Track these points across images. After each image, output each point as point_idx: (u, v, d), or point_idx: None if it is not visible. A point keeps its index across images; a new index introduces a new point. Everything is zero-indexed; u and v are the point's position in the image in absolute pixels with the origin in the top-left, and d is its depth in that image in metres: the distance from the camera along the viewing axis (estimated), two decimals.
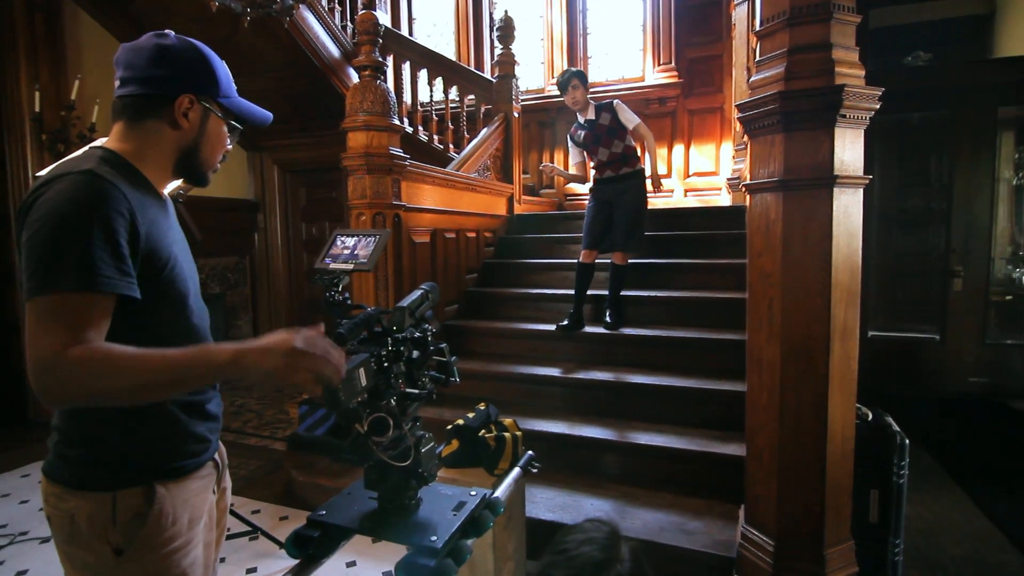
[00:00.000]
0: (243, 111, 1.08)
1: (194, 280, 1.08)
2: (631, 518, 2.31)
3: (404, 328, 1.01)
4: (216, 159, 1.08)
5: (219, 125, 1.05)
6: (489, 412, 2.15)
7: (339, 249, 1.40)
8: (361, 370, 0.88)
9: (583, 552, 0.78)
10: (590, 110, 3.49)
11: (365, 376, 0.88)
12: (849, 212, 1.79)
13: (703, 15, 5.23)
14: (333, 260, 1.37)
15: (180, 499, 0.99)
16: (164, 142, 1.00)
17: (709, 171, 5.32)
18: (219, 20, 3.75)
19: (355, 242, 1.41)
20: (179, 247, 1.03)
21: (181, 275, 1.00)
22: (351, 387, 0.86)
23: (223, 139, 1.07)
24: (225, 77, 1.05)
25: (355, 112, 3.00)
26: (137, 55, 0.97)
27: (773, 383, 1.87)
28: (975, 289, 4.18)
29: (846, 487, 1.87)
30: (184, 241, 1.10)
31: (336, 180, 5.44)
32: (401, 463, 0.97)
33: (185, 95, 0.98)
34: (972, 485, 2.87)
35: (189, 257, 1.09)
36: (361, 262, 1.34)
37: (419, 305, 1.06)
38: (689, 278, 3.61)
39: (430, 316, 1.10)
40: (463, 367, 3.34)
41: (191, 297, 1.04)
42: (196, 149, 1.03)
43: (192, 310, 1.04)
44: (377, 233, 1.42)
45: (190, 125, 1.00)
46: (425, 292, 1.09)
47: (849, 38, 1.76)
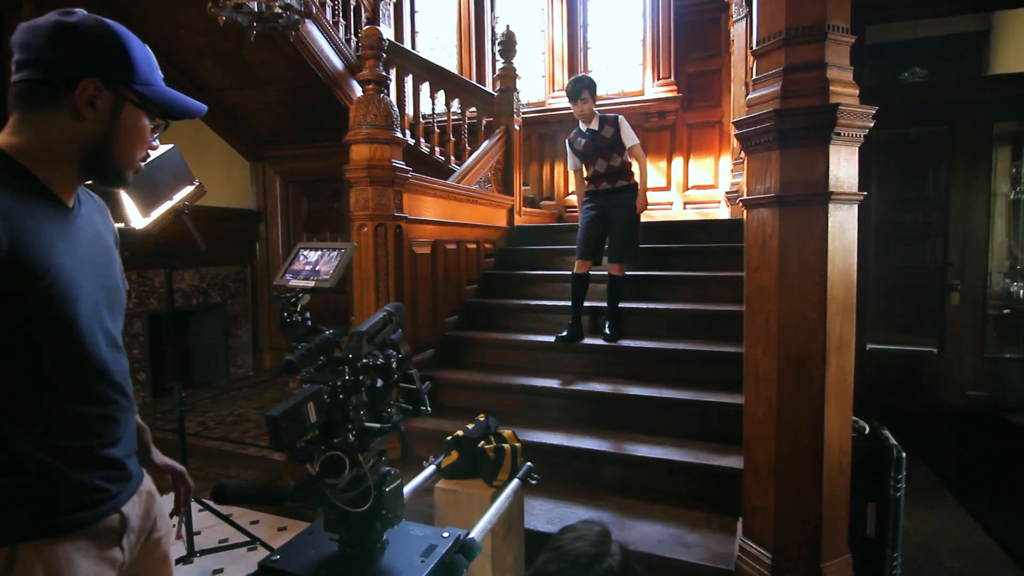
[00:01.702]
0: (168, 101, 0.92)
1: (100, 302, 0.92)
2: (630, 530, 2.31)
3: (361, 355, 0.90)
4: (135, 156, 0.92)
5: (137, 116, 0.89)
6: (488, 423, 2.16)
7: (301, 264, 1.33)
8: (310, 404, 0.78)
9: (576, 547, 0.83)
10: (594, 121, 3.51)
11: (315, 411, 0.79)
12: (845, 228, 1.81)
13: (702, 31, 5.30)
14: (294, 276, 1.30)
15: (57, 562, 0.84)
16: (64, 136, 0.85)
17: (708, 184, 5.37)
18: (226, 33, 3.82)
19: (318, 257, 1.33)
20: (77, 260, 0.87)
21: (67, 294, 0.83)
22: (297, 424, 0.75)
23: (143, 133, 0.91)
24: (144, 60, 0.90)
25: (358, 125, 3.04)
26: (34, 34, 0.83)
27: (770, 396, 1.89)
28: (973, 303, 4.20)
29: (843, 500, 1.88)
30: (98, 257, 0.94)
31: (338, 190, 5.48)
32: (358, 508, 0.86)
33: (90, 80, 0.83)
34: (970, 499, 2.87)
35: (104, 277, 0.94)
36: (323, 279, 1.26)
37: (380, 329, 0.95)
38: (688, 290, 3.63)
39: (399, 338, 1.00)
40: (462, 378, 3.40)
41: (83, 321, 0.86)
42: (107, 145, 0.87)
43: (83, 336, 0.87)
44: (342, 247, 1.33)
45: (97, 116, 0.85)
46: (388, 314, 0.99)
47: (843, 58, 1.79)
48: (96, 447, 0.90)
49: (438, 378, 3.42)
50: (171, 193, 2.13)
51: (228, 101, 5.04)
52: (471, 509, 1.92)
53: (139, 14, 4.21)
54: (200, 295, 5.29)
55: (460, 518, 1.96)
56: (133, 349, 4.56)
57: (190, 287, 5.18)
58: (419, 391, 0.99)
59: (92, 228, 0.95)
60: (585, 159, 3.58)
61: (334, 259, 1.26)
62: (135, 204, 1.97)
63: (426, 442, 3.01)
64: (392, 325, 0.99)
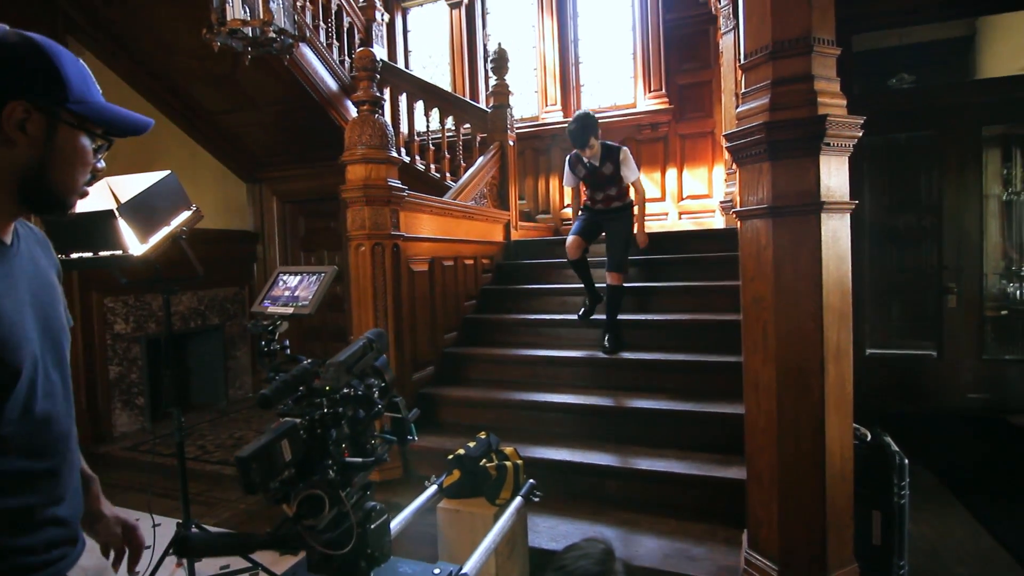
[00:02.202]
0: (108, 118, 0.85)
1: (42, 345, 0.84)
2: (635, 545, 2.30)
3: (339, 387, 0.85)
4: (78, 180, 0.85)
5: (74, 137, 0.82)
6: (490, 441, 2.16)
7: (280, 290, 1.28)
8: (284, 442, 0.73)
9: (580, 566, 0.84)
10: (597, 156, 3.53)
11: (289, 448, 0.74)
12: (838, 236, 1.83)
13: (692, 43, 5.37)
14: (272, 303, 1.26)
15: None
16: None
17: (702, 194, 5.40)
18: (221, 58, 3.86)
19: (298, 282, 1.28)
20: (18, 302, 0.81)
21: (9, 338, 0.77)
22: (270, 464, 0.70)
23: (84, 155, 0.84)
24: (77, 76, 0.82)
25: (354, 146, 3.06)
26: None
27: (770, 406, 1.89)
28: (970, 305, 4.22)
29: (847, 509, 1.87)
30: (39, 295, 0.87)
31: (334, 210, 5.50)
32: (340, 549, 0.81)
33: (16, 102, 0.76)
34: (975, 503, 2.86)
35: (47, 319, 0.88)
36: (302, 305, 1.23)
37: (360, 357, 0.91)
38: (686, 300, 3.64)
39: (384, 365, 0.95)
40: (463, 395, 3.39)
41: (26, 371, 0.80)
42: (44, 171, 0.80)
43: (25, 386, 0.80)
44: (322, 271, 1.29)
45: (30, 141, 0.78)
46: (368, 342, 0.94)
47: (830, 69, 1.82)
48: (38, 507, 0.83)
49: (438, 395, 3.42)
50: (169, 219, 2.14)
51: (223, 123, 5.08)
52: (474, 529, 1.91)
53: (134, 39, 4.26)
54: (198, 317, 5.28)
55: (463, 538, 1.95)
56: (131, 373, 4.55)
57: (188, 310, 5.18)
58: (405, 420, 0.95)
59: (33, 265, 0.88)
60: (584, 183, 3.70)
61: (314, 284, 1.21)
62: (133, 231, 1.98)
63: (428, 461, 3.00)
64: (373, 353, 0.94)
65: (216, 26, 3.17)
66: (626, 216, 3.62)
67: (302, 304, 1.19)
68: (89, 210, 1.97)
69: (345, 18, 4.99)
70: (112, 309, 4.44)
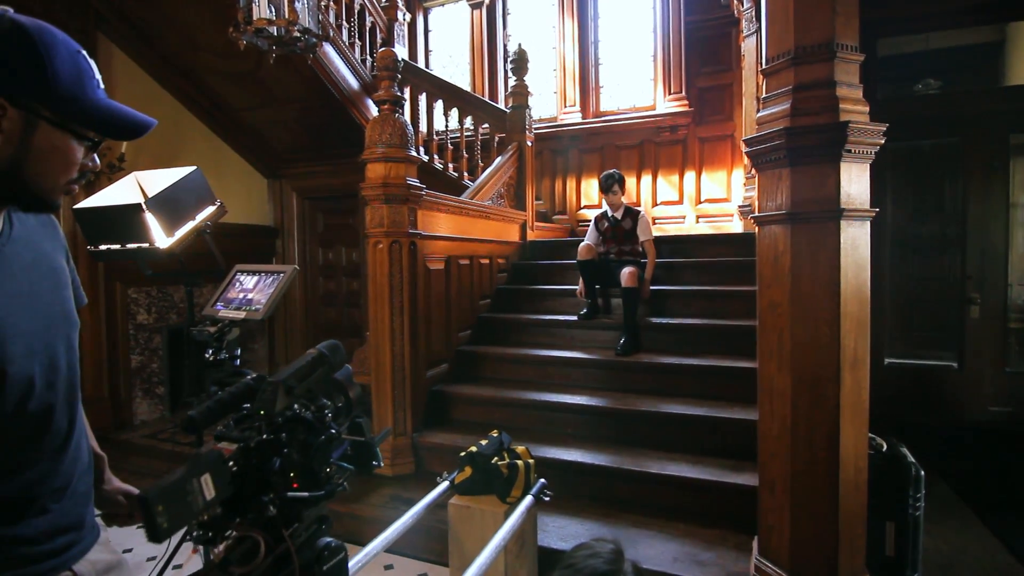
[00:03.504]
0: (99, 117, 0.79)
1: (40, 335, 0.82)
2: (644, 547, 2.30)
3: (276, 411, 0.73)
4: (57, 181, 0.79)
5: (54, 137, 0.77)
6: (502, 439, 2.17)
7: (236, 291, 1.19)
8: (204, 477, 0.61)
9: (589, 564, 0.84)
10: (621, 211, 3.92)
11: (213, 485, 0.62)
12: (857, 244, 1.81)
13: (713, 46, 5.33)
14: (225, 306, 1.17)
15: None
16: None
17: (721, 198, 5.36)
18: (245, 56, 3.92)
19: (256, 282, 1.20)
20: (4, 297, 0.79)
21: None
22: (183, 505, 0.58)
23: (67, 155, 0.79)
24: (69, 72, 0.76)
25: (374, 144, 3.10)
26: None
27: (784, 413, 1.88)
28: (993, 316, 4.13)
29: (860, 519, 1.85)
30: (36, 285, 0.85)
31: (353, 207, 5.56)
32: None
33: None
34: (993, 518, 2.81)
35: (47, 304, 0.85)
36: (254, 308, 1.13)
37: (306, 375, 0.78)
38: (701, 305, 3.63)
39: (347, 379, 0.83)
40: (476, 393, 3.41)
41: (15, 365, 0.78)
42: (17, 170, 0.76)
43: (16, 381, 0.78)
44: (282, 270, 1.19)
45: (4, 138, 0.73)
46: (319, 355, 0.80)
47: (853, 76, 1.81)
48: (39, 497, 0.81)
49: (451, 393, 3.44)
50: (194, 213, 2.19)
51: (246, 120, 5.16)
52: (484, 525, 1.93)
53: (162, 36, 4.35)
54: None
55: (473, 534, 1.96)
56: (152, 363, 4.65)
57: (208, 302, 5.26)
58: (369, 444, 0.82)
59: (30, 252, 0.85)
60: (604, 237, 3.97)
61: (270, 286, 1.11)
62: (159, 224, 2.03)
63: (440, 457, 3.02)
64: (324, 368, 0.81)
65: (242, 25, 3.22)
66: (636, 263, 3.75)
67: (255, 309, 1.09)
68: (118, 203, 2.03)
69: (367, 18, 5.04)
70: (135, 300, 4.54)
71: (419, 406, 3.25)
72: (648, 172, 5.62)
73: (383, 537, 1.67)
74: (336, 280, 6.02)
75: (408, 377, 3.16)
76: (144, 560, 2.46)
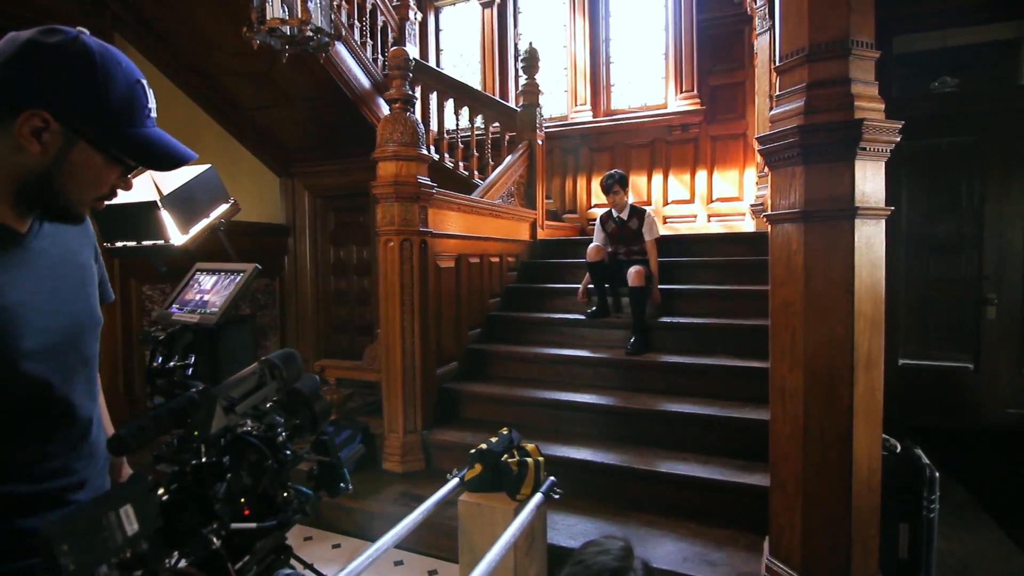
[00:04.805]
0: (138, 148, 0.81)
1: (60, 332, 0.83)
2: (654, 547, 2.29)
3: (209, 431, 0.64)
4: (85, 197, 0.82)
5: (92, 158, 0.79)
6: (512, 437, 2.18)
7: (193, 293, 1.11)
8: (124, 510, 0.51)
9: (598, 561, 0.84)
10: (626, 211, 3.88)
11: (135, 517, 0.52)
12: (871, 243, 1.80)
13: (725, 44, 5.30)
14: (180, 308, 1.10)
15: None
16: (2, 164, 0.77)
17: (732, 196, 5.33)
18: (259, 55, 3.95)
19: (213, 283, 1.12)
20: (27, 292, 0.79)
21: (7, 331, 0.76)
22: (96, 542, 0.49)
23: (99, 176, 0.81)
24: (122, 100, 0.78)
25: (385, 143, 3.11)
26: (7, 46, 0.74)
27: (796, 413, 1.87)
28: (1010, 317, 4.07)
29: (873, 520, 1.83)
30: (60, 281, 0.86)
31: (364, 205, 5.59)
32: None
33: (35, 111, 0.73)
34: (1010, 521, 2.76)
35: (69, 302, 0.86)
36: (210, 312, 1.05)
37: (252, 390, 0.69)
38: (713, 304, 3.61)
39: (312, 390, 0.75)
40: (485, 391, 3.42)
41: (29, 360, 0.78)
42: (47, 182, 0.78)
43: (31, 376, 0.78)
44: (241, 269, 1.10)
45: (43, 150, 0.75)
46: (267, 367, 0.71)
47: (868, 73, 1.79)
48: (56, 490, 0.83)
49: (461, 391, 3.45)
50: (208, 211, 2.21)
51: (259, 119, 5.20)
52: (494, 522, 1.94)
53: (176, 37, 4.40)
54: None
55: (483, 531, 1.97)
56: None
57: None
58: (335, 464, 0.73)
59: (57, 248, 0.87)
60: (610, 238, 3.95)
61: (227, 287, 1.03)
62: (174, 222, 2.05)
63: (449, 455, 3.03)
64: (274, 383, 0.72)
65: (256, 24, 3.25)
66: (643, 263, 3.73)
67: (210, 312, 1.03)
68: (134, 201, 2.06)
69: (379, 17, 5.06)
70: (150, 297, 4.59)
71: (429, 404, 3.27)
72: (659, 171, 5.59)
73: (393, 533, 1.68)
74: (347, 278, 6.05)
75: (418, 375, 3.17)
76: None
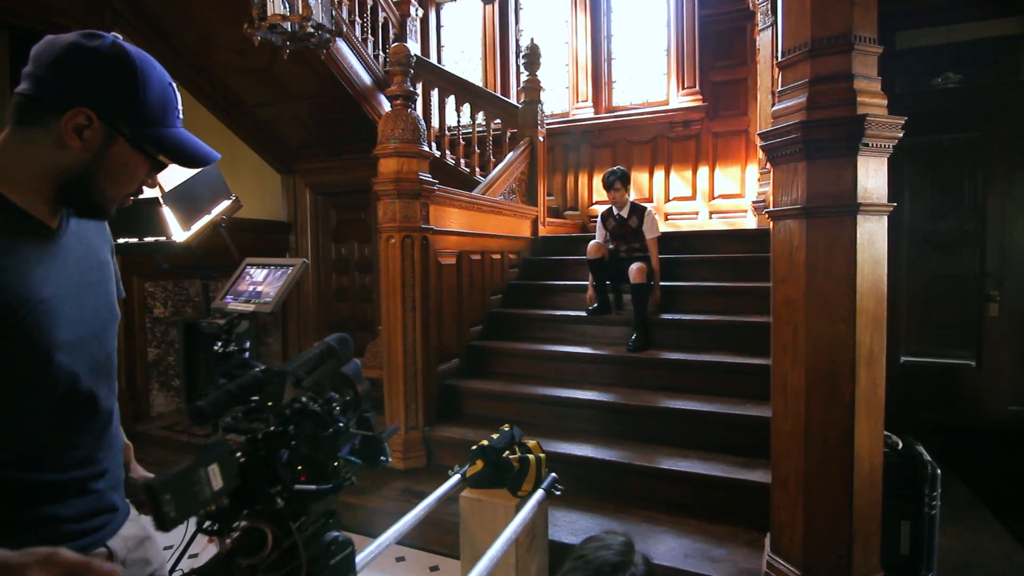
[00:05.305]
0: (171, 145, 0.87)
1: (87, 325, 0.87)
2: (655, 543, 2.30)
3: (283, 403, 0.73)
4: (120, 193, 0.87)
5: (129, 155, 0.83)
6: (513, 433, 2.18)
7: (245, 284, 1.19)
8: (212, 468, 0.62)
9: (599, 556, 0.85)
10: (626, 208, 3.86)
11: (220, 475, 0.63)
12: (874, 239, 1.79)
13: (727, 40, 5.28)
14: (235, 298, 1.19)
15: None
16: (44, 160, 0.80)
17: (734, 193, 5.32)
18: (260, 52, 3.94)
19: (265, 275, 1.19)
20: (60, 286, 0.83)
21: (44, 322, 0.79)
22: (190, 494, 0.60)
23: (133, 173, 0.86)
24: (157, 100, 0.84)
25: (387, 139, 3.11)
26: (48, 49, 0.78)
27: (798, 409, 1.87)
28: (1013, 313, 4.06)
29: (875, 517, 1.83)
30: (87, 276, 0.89)
31: (365, 202, 5.58)
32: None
33: (80, 109, 0.77)
34: (1012, 518, 2.76)
35: (94, 297, 0.90)
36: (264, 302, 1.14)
37: (314, 367, 0.78)
38: (714, 301, 3.60)
39: (356, 373, 0.84)
40: (487, 387, 3.42)
41: (62, 352, 0.82)
42: (87, 177, 0.82)
43: (63, 367, 0.82)
44: (291, 264, 1.16)
45: (84, 146, 0.79)
46: (327, 349, 0.80)
47: (871, 68, 1.78)
48: (84, 479, 0.87)
49: (463, 387, 3.46)
50: (210, 208, 2.21)
51: (260, 116, 5.19)
52: (496, 519, 1.94)
53: (177, 34, 4.39)
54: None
55: (484, 527, 1.98)
56: (168, 356, 4.71)
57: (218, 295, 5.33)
58: (377, 438, 0.82)
59: (83, 244, 0.90)
60: (611, 235, 3.94)
61: (279, 279, 1.11)
62: (176, 218, 2.05)
63: (451, 451, 3.04)
64: (333, 361, 0.80)
65: (257, 21, 3.25)
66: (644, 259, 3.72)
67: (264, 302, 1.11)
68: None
69: (380, 13, 5.04)
70: (152, 293, 4.60)
71: (431, 400, 3.27)
72: (661, 167, 5.58)
73: (395, 529, 1.68)
74: (349, 275, 6.05)
75: (420, 371, 3.18)
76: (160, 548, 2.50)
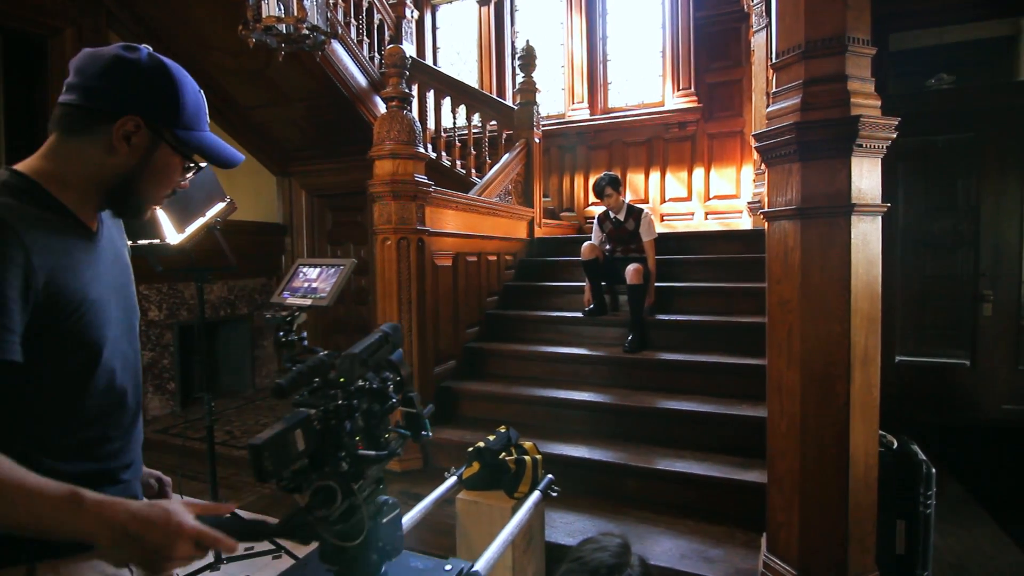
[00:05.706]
0: (206, 148, 0.94)
1: (120, 323, 0.94)
2: (652, 544, 2.30)
3: (354, 379, 0.85)
4: (159, 195, 0.94)
5: (170, 158, 0.91)
6: (510, 435, 2.18)
7: (300, 282, 1.30)
8: (297, 432, 0.74)
9: (596, 558, 0.85)
10: (623, 211, 3.88)
11: (303, 439, 0.75)
12: (868, 239, 1.80)
13: (722, 41, 5.30)
14: (291, 294, 1.29)
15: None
16: (93, 166, 0.86)
17: (730, 194, 5.33)
18: (255, 54, 3.94)
19: (318, 273, 1.27)
20: (103, 286, 0.90)
21: (95, 321, 0.86)
22: (283, 453, 0.71)
23: (172, 174, 0.93)
24: (193, 107, 0.92)
25: (382, 141, 3.11)
26: (92, 61, 0.85)
27: (793, 410, 1.87)
28: (1006, 314, 4.09)
29: (870, 516, 1.84)
30: (118, 277, 0.96)
31: (361, 204, 5.58)
32: (351, 541, 0.82)
33: (130, 116, 0.85)
34: (1006, 517, 2.78)
35: (124, 297, 0.97)
36: (320, 296, 1.25)
37: (375, 350, 0.90)
38: (710, 302, 3.61)
39: (399, 359, 0.95)
40: (483, 389, 3.42)
41: (108, 349, 0.89)
42: (133, 180, 0.89)
43: (107, 363, 0.89)
44: (341, 263, 1.27)
45: (130, 151, 0.86)
46: (384, 335, 0.93)
47: (864, 69, 1.79)
48: (111, 470, 0.92)
49: (459, 389, 3.45)
50: (204, 209, 2.20)
51: (256, 118, 5.19)
52: (492, 521, 1.94)
53: (172, 36, 4.38)
54: (228, 307, 5.42)
55: (481, 529, 1.97)
56: (163, 359, 4.69)
57: (218, 299, 5.32)
58: (420, 415, 0.95)
59: (112, 247, 0.96)
60: (607, 238, 3.95)
61: (332, 276, 1.21)
62: (170, 220, 2.05)
63: (447, 453, 3.04)
64: (388, 346, 0.93)
65: (251, 23, 3.24)
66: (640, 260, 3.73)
67: (320, 296, 1.21)
68: None
69: (376, 15, 5.04)
70: (146, 296, 4.58)
71: (427, 402, 3.26)
72: (656, 169, 5.60)
73: None
74: None
75: (416, 373, 3.17)
76: None
